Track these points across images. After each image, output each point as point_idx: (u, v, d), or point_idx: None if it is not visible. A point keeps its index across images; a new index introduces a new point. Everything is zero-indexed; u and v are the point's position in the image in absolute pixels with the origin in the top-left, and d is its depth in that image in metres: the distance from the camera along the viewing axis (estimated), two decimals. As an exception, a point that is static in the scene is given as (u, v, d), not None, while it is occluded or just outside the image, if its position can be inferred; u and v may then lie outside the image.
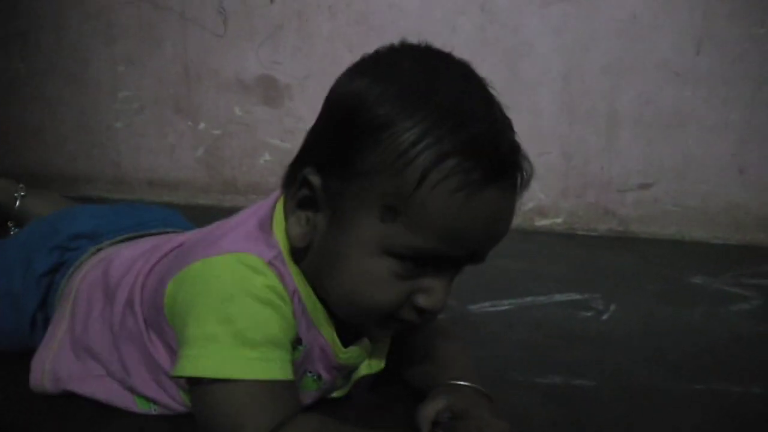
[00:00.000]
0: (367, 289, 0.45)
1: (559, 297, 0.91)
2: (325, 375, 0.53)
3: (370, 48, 1.47)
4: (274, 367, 0.44)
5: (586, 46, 1.29)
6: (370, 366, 0.55)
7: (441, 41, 1.35)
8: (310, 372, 0.52)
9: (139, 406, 0.54)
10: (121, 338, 0.53)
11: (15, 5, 1.44)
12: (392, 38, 1.41)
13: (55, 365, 0.56)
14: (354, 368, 0.55)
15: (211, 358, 0.43)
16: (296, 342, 0.48)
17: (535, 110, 1.32)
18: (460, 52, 1.36)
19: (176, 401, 0.52)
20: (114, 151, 1.47)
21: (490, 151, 0.43)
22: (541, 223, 1.37)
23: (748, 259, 1.18)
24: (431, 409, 0.50)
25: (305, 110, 1.39)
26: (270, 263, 0.46)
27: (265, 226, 0.48)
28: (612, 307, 0.87)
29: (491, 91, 0.47)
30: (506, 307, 0.86)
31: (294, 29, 1.36)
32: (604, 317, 0.84)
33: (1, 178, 0.90)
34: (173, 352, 0.48)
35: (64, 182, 1.48)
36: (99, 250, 0.61)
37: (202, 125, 1.43)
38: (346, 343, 0.52)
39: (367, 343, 0.54)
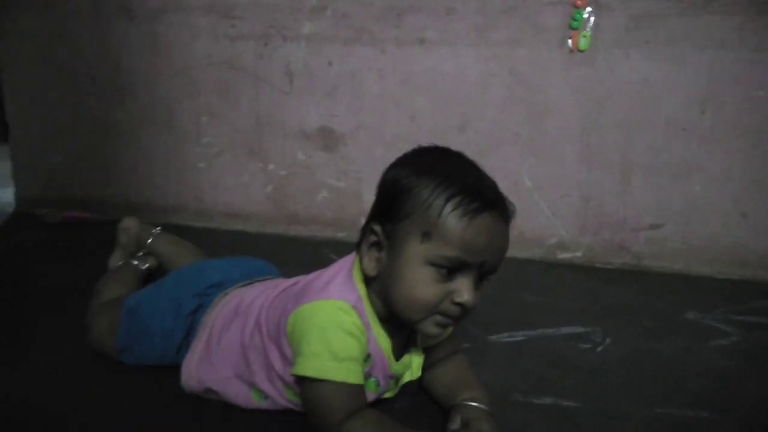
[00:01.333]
0: (419, 290, 0.68)
1: (564, 330, 1.11)
2: (382, 381, 0.77)
3: (412, 104, 1.74)
4: (352, 375, 0.68)
5: (603, 105, 1.47)
6: (411, 374, 0.80)
7: (474, 100, 1.58)
8: (373, 378, 0.76)
9: (255, 400, 0.78)
10: (249, 348, 0.78)
11: (116, 65, 1.72)
12: (431, 97, 1.65)
13: (198, 371, 0.81)
14: (400, 376, 0.79)
15: (314, 365, 0.68)
16: (367, 357, 0.73)
17: (557, 159, 1.51)
18: (491, 109, 1.59)
19: (281, 395, 0.77)
20: (197, 187, 1.74)
21: (481, 192, 0.68)
22: (563, 256, 1.56)
23: (743, 295, 1.33)
24: (454, 422, 0.72)
25: (357, 155, 1.62)
26: (354, 306, 0.71)
27: (350, 276, 0.74)
28: (607, 341, 1.06)
29: (480, 167, 0.73)
30: (520, 338, 1.06)
31: (348, 88, 1.59)
32: (599, 349, 1.03)
33: (143, 222, 1.16)
34: (286, 359, 0.74)
35: (155, 212, 1.75)
36: (225, 294, 0.87)
37: (271, 167, 1.68)
38: (397, 359, 0.77)
39: (410, 358, 0.79)
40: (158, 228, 1.13)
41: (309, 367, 0.68)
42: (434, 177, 0.68)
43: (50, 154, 1.79)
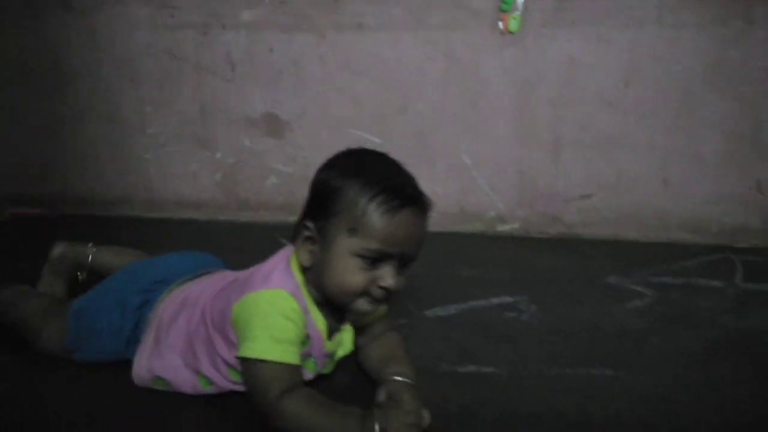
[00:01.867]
0: (347, 278, 0.77)
1: (494, 300, 1.19)
2: (319, 360, 0.85)
3: (354, 89, 1.79)
4: (289, 356, 0.75)
5: (534, 84, 1.54)
6: (344, 349, 0.89)
7: (413, 83, 1.63)
8: (312, 358, 0.84)
9: (201, 386, 0.84)
10: (195, 337, 0.84)
11: (55, 58, 1.71)
12: (372, 81, 1.70)
13: (148, 361, 0.86)
14: (334, 353, 0.87)
15: (257, 348, 0.74)
16: (306, 339, 0.80)
17: (493, 138, 1.59)
18: (430, 92, 1.64)
19: (225, 378, 0.83)
20: (145, 178, 1.76)
21: (402, 190, 0.76)
22: (502, 228, 1.65)
23: (666, 257, 1.44)
24: (378, 397, 0.78)
25: (303, 140, 1.67)
26: (292, 293, 0.78)
27: (288, 266, 0.81)
28: (533, 308, 1.16)
29: (401, 165, 0.82)
30: (452, 312, 1.14)
31: (291, 74, 1.62)
32: (524, 317, 1.12)
33: (74, 243, 1.11)
34: (231, 345, 0.80)
35: (104, 204, 1.77)
36: (170, 290, 0.91)
37: (218, 155, 1.71)
38: (330, 338, 0.85)
39: (341, 336, 0.87)
40: (90, 244, 1.11)
41: (252, 349, 0.75)
42: (359, 178, 0.76)
43: (-8, 150, 1.79)
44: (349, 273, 0.77)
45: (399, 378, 0.81)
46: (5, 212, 1.73)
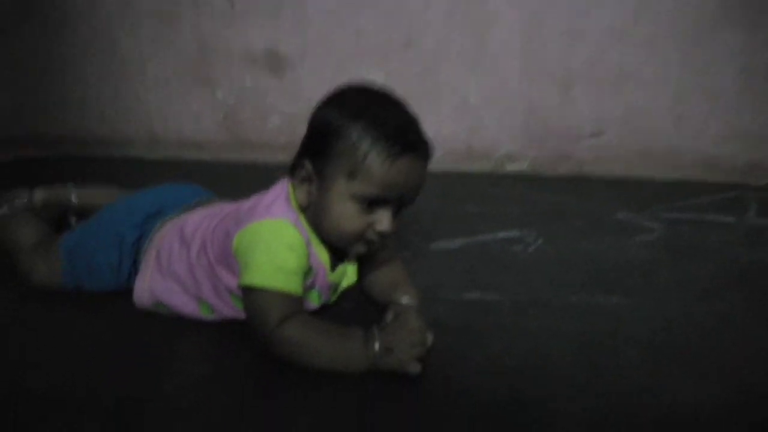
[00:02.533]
0: (344, 222, 0.75)
1: (501, 234, 1.18)
2: (323, 291, 0.83)
3: (357, 22, 1.74)
4: (291, 284, 0.74)
5: (543, 16, 1.48)
6: (348, 280, 0.87)
7: (418, 16, 1.57)
8: (316, 289, 0.83)
9: (203, 313, 0.84)
10: (196, 267, 0.83)
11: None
12: (375, 14, 1.64)
13: (150, 285, 0.86)
14: (338, 284, 0.85)
15: (259, 276, 0.73)
16: (309, 270, 0.79)
17: (500, 73, 1.54)
18: (435, 25, 1.59)
19: (227, 305, 0.82)
20: (146, 118, 1.73)
21: (403, 135, 0.73)
22: (511, 167, 1.62)
23: (677, 194, 1.41)
24: (386, 319, 0.78)
25: (306, 78, 1.63)
26: (294, 224, 0.77)
27: (288, 200, 0.79)
28: (539, 241, 1.14)
29: (405, 104, 0.77)
30: (458, 245, 1.13)
31: (292, 7, 1.57)
32: (530, 249, 1.11)
33: (51, 187, 1.07)
34: (234, 275, 0.79)
35: (106, 146, 1.76)
36: (164, 223, 0.90)
37: (219, 94, 1.68)
38: (333, 269, 0.83)
39: (344, 268, 0.85)
40: (69, 184, 1.08)
41: (254, 277, 0.74)
42: (361, 120, 0.73)
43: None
44: (346, 217, 0.76)
45: (404, 300, 0.81)
46: (7, 154, 1.71)
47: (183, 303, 0.85)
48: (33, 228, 1.00)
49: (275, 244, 0.75)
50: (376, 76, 1.57)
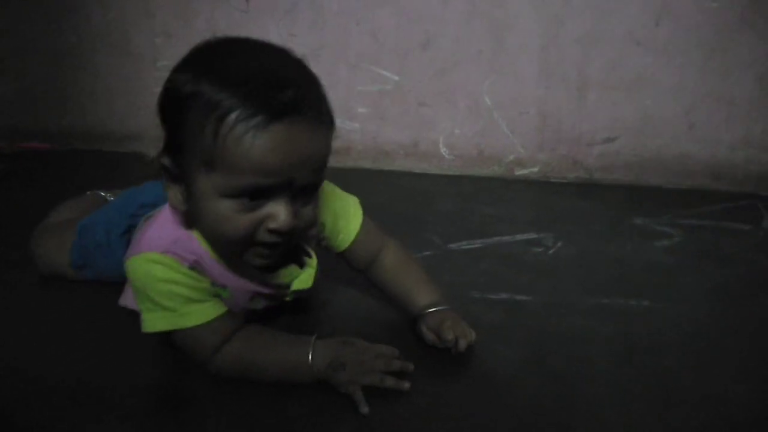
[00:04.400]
0: (222, 227, 0.58)
1: (519, 237, 1.17)
2: (268, 291, 0.71)
3: (374, 21, 1.72)
4: (193, 317, 0.64)
5: (562, 20, 1.48)
6: (299, 284, 0.71)
7: (437, 16, 1.56)
8: (257, 295, 0.72)
9: None
10: None
11: (64, -16, 1.64)
12: (394, 13, 1.64)
13: (129, 293, 0.78)
14: (289, 285, 0.71)
15: (153, 321, 0.65)
16: (221, 287, 0.67)
17: (517, 76, 1.54)
18: (454, 26, 1.59)
19: None
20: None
21: (268, 100, 0.53)
22: (520, 172, 1.61)
23: (689, 202, 1.42)
24: (426, 333, 0.73)
25: (319, 76, 1.61)
26: (167, 250, 0.62)
27: (172, 213, 0.64)
28: (558, 244, 1.13)
29: (286, 54, 0.61)
30: (478, 246, 1.12)
31: (308, 5, 1.56)
32: (551, 252, 1.10)
33: (90, 192, 1.04)
34: None
35: (115, 140, 1.73)
36: (148, 217, 0.75)
37: (231, 90, 1.66)
38: (275, 270, 0.69)
39: (292, 269, 0.71)
40: (109, 195, 1.03)
41: (149, 324, 0.65)
42: (206, 87, 0.55)
43: (-1, 81, 1.73)
44: (223, 219, 0.58)
45: (434, 309, 0.76)
46: (13, 145, 1.68)
47: None
48: (73, 210, 0.97)
49: (150, 285, 0.63)
50: (391, 76, 1.56)
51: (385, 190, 1.43)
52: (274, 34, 1.59)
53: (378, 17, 1.55)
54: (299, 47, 1.61)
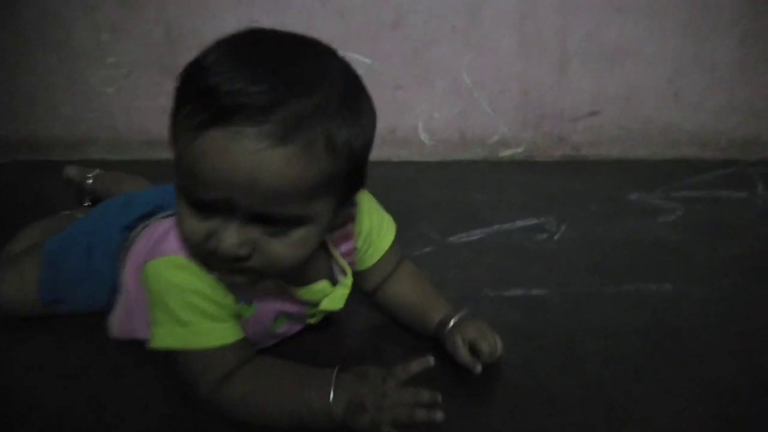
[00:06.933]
0: (181, 224, 0.53)
1: (519, 223, 1.10)
2: (295, 310, 0.65)
3: (341, 4, 1.59)
4: (210, 337, 0.56)
5: (539, -10, 1.41)
6: (330, 303, 0.65)
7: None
8: (282, 313, 0.65)
9: None
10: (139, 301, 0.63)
11: (-10, -23, 1.47)
12: None
13: (120, 323, 0.70)
14: (317, 303, 0.65)
15: (163, 336, 0.57)
16: (246, 303, 0.60)
17: (495, 51, 1.46)
18: (426, 2, 1.47)
19: None
20: (108, 115, 1.56)
21: (219, 97, 0.46)
22: (505, 153, 1.54)
23: (679, 173, 1.37)
24: (461, 348, 0.64)
25: (285, 64, 1.50)
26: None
27: None
28: (562, 228, 1.07)
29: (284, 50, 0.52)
30: (478, 236, 1.04)
31: (268, -12, 1.44)
32: (556, 237, 1.03)
33: (74, 165, 1.01)
34: None
35: (64, 147, 1.57)
36: (146, 226, 0.70)
37: (189, 85, 1.53)
38: (307, 283, 0.63)
39: (324, 285, 0.64)
40: (96, 170, 1.00)
41: (159, 338, 0.57)
42: (182, 77, 0.52)
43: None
44: (179, 218, 0.53)
45: (461, 315, 0.67)
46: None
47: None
48: (30, 233, 0.84)
49: (170, 292, 0.56)
50: (362, 59, 1.46)
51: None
52: (232, 20, 1.46)
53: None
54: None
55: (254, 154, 0.46)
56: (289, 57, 0.51)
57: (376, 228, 0.70)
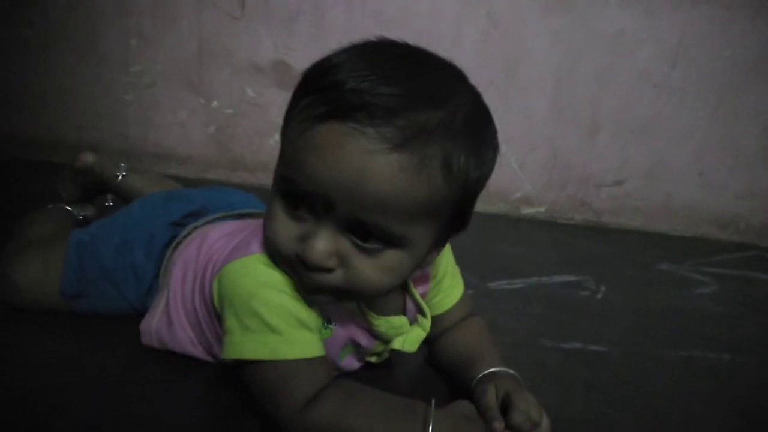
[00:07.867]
0: (267, 226, 0.50)
1: (558, 278, 1.05)
2: (365, 341, 0.59)
3: None
4: (301, 347, 0.50)
5: (578, 56, 1.43)
6: (403, 343, 0.59)
7: (448, 42, 1.45)
8: (351, 342, 0.59)
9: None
10: (199, 313, 0.60)
11: (23, -30, 1.43)
12: (403, 35, 1.50)
13: (158, 332, 0.63)
14: (390, 339, 0.60)
15: (245, 345, 0.50)
16: (327, 321, 0.55)
17: (528, 111, 1.46)
18: (465, 54, 1.48)
19: None
20: (121, 123, 1.50)
21: (344, 93, 0.45)
22: (526, 211, 1.52)
23: (704, 249, 1.36)
24: (491, 395, 0.54)
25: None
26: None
27: None
28: (602, 288, 1.03)
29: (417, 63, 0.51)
30: (519, 286, 0.99)
31: (310, 18, 1.43)
32: (599, 296, 0.99)
33: (106, 154, 0.94)
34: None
35: (67, 150, 1.48)
36: (196, 228, 0.67)
37: (214, 103, 1.48)
38: (386, 314, 0.58)
39: (404, 321, 0.59)
40: (123, 165, 0.92)
41: (239, 348, 0.51)
42: (308, 76, 0.50)
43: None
44: (270, 216, 0.50)
45: (500, 369, 0.58)
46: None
47: (195, 353, 0.63)
48: (51, 224, 0.77)
49: (260, 293, 0.50)
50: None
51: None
52: (268, 45, 1.44)
53: (390, 38, 1.43)
54: (296, 62, 1.48)
55: (368, 154, 0.44)
56: (421, 68, 0.50)
57: (449, 275, 0.66)
